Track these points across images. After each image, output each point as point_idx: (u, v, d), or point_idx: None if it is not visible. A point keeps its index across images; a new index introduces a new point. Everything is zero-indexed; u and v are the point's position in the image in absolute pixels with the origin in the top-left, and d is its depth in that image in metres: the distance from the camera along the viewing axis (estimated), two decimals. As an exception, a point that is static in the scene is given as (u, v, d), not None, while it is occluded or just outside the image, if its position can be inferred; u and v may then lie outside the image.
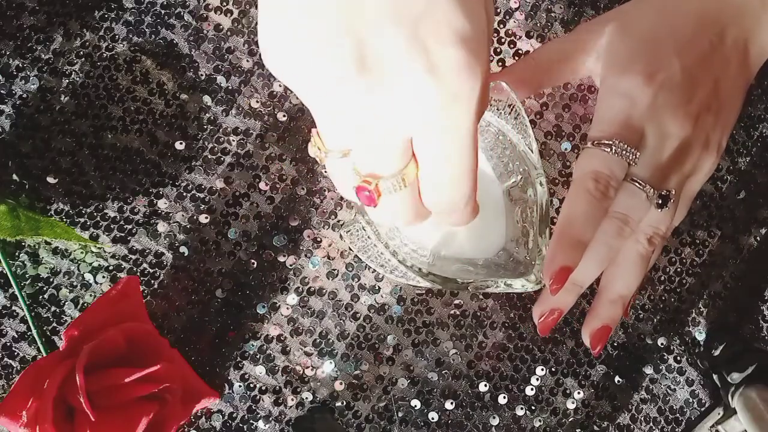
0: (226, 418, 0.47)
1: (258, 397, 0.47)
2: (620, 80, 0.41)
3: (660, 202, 0.40)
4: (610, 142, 0.39)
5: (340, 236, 0.48)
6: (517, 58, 0.50)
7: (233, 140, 0.48)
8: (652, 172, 0.40)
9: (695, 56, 0.41)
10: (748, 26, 0.42)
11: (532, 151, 0.44)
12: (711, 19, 0.41)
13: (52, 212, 0.47)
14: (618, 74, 0.41)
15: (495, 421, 0.48)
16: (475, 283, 0.43)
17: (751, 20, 0.42)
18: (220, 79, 0.48)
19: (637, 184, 0.39)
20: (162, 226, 0.47)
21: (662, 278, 0.49)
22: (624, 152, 0.39)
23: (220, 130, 0.48)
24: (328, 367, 0.47)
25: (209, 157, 0.48)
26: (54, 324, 0.46)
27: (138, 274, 0.47)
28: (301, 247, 0.48)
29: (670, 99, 0.40)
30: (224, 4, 0.49)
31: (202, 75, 0.48)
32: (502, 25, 0.50)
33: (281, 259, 0.48)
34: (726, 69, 0.41)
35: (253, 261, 0.47)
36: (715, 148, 0.42)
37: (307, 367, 0.47)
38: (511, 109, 0.44)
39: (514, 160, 0.44)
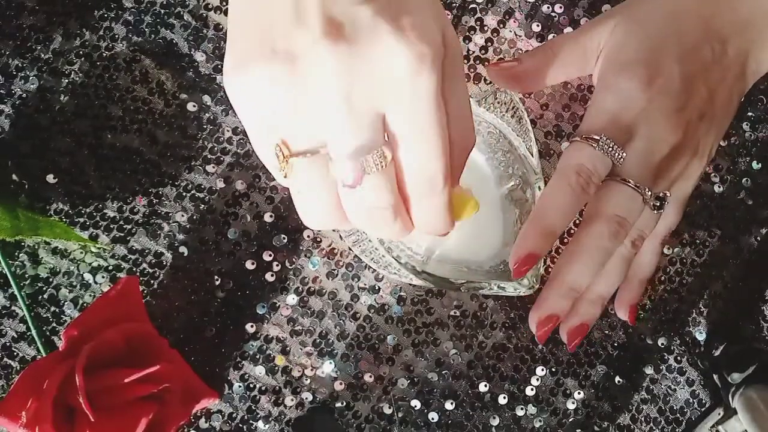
0: (225, 418, 0.46)
1: (257, 397, 0.47)
2: (618, 79, 0.41)
3: (657, 204, 0.40)
4: (598, 138, 0.39)
5: (340, 236, 0.48)
6: (517, 57, 0.50)
7: (233, 140, 0.48)
8: (644, 174, 0.40)
9: (697, 63, 0.41)
10: (751, 39, 0.42)
11: (532, 155, 0.44)
12: (716, 28, 0.41)
13: (52, 212, 0.47)
14: (617, 73, 0.41)
15: (495, 422, 0.48)
16: (467, 284, 0.43)
17: (754, 34, 0.42)
18: (220, 78, 0.48)
19: (631, 185, 0.39)
20: (161, 226, 0.47)
21: (662, 278, 0.49)
22: (610, 149, 0.39)
23: (220, 130, 0.48)
24: (327, 368, 0.47)
25: (209, 156, 0.48)
26: (53, 324, 0.46)
27: (137, 274, 0.47)
28: (300, 247, 0.48)
29: (666, 104, 0.40)
30: (224, 3, 0.49)
31: (201, 74, 0.48)
32: (502, 25, 0.50)
33: (280, 259, 0.47)
34: (724, 79, 0.41)
35: (252, 261, 0.47)
36: (705, 155, 0.42)
37: (307, 368, 0.47)
38: (514, 112, 0.44)
39: (513, 162, 0.44)
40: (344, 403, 0.47)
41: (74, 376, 0.39)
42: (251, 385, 0.47)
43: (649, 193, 0.39)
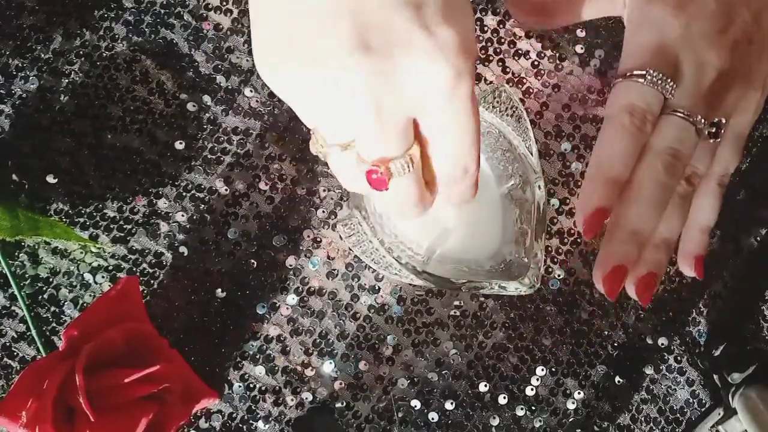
0: (225, 418, 0.46)
1: (258, 397, 0.47)
2: (649, 10, 0.38)
3: (713, 131, 0.38)
4: (644, 72, 0.37)
5: (340, 237, 0.48)
6: (516, 58, 0.50)
7: (233, 140, 0.48)
8: (695, 102, 0.37)
9: None
10: None
11: (531, 155, 0.44)
12: None
13: (52, 212, 0.47)
14: (646, 4, 0.38)
15: (495, 422, 0.48)
16: (468, 283, 0.43)
17: None
18: (220, 78, 0.48)
19: (681, 114, 0.37)
20: (162, 226, 0.47)
21: (662, 278, 0.49)
22: (660, 82, 0.36)
23: (220, 130, 0.48)
24: (328, 368, 0.47)
25: (209, 156, 0.48)
26: (53, 324, 0.46)
27: (137, 274, 0.47)
28: (300, 247, 0.48)
29: (704, 26, 0.37)
30: (224, 3, 0.49)
31: (201, 74, 0.48)
32: (501, 26, 0.50)
33: (281, 259, 0.47)
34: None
35: (252, 261, 0.47)
36: (760, 83, 0.39)
37: (307, 367, 0.47)
38: (513, 112, 0.44)
39: (513, 162, 0.44)
40: (344, 403, 0.47)
41: (74, 376, 0.39)
42: (251, 385, 0.47)
43: (703, 121, 0.37)
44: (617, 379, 0.49)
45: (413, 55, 0.28)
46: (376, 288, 0.48)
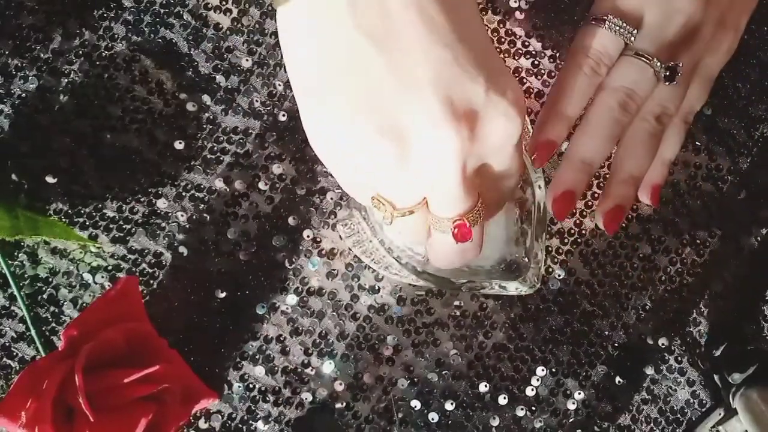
0: (225, 418, 0.46)
1: (257, 397, 0.47)
2: None
3: (668, 74, 0.39)
4: (605, 18, 0.38)
5: (340, 237, 0.48)
6: (516, 57, 0.50)
7: (233, 139, 0.48)
8: (658, 47, 0.39)
9: None
10: None
11: None
12: None
13: (51, 212, 0.47)
14: None
15: (495, 422, 0.47)
16: (468, 283, 0.43)
17: None
18: (220, 78, 0.48)
19: (642, 58, 0.38)
20: (161, 226, 0.47)
21: (663, 278, 0.49)
22: (619, 29, 0.38)
23: (219, 130, 0.48)
24: (327, 368, 0.47)
25: (208, 156, 0.48)
26: (53, 324, 0.46)
27: (137, 274, 0.47)
28: (300, 247, 0.48)
29: None
30: (223, 3, 0.49)
31: (201, 74, 0.48)
32: (501, 25, 0.50)
33: (280, 259, 0.47)
34: None
35: (252, 261, 0.47)
36: (732, 26, 0.40)
37: (307, 367, 0.47)
38: None
39: None
40: (344, 404, 0.47)
41: (74, 376, 0.39)
42: (251, 386, 0.47)
43: (659, 64, 0.38)
44: (618, 379, 0.49)
45: (496, 121, 0.29)
46: (376, 288, 0.48)
